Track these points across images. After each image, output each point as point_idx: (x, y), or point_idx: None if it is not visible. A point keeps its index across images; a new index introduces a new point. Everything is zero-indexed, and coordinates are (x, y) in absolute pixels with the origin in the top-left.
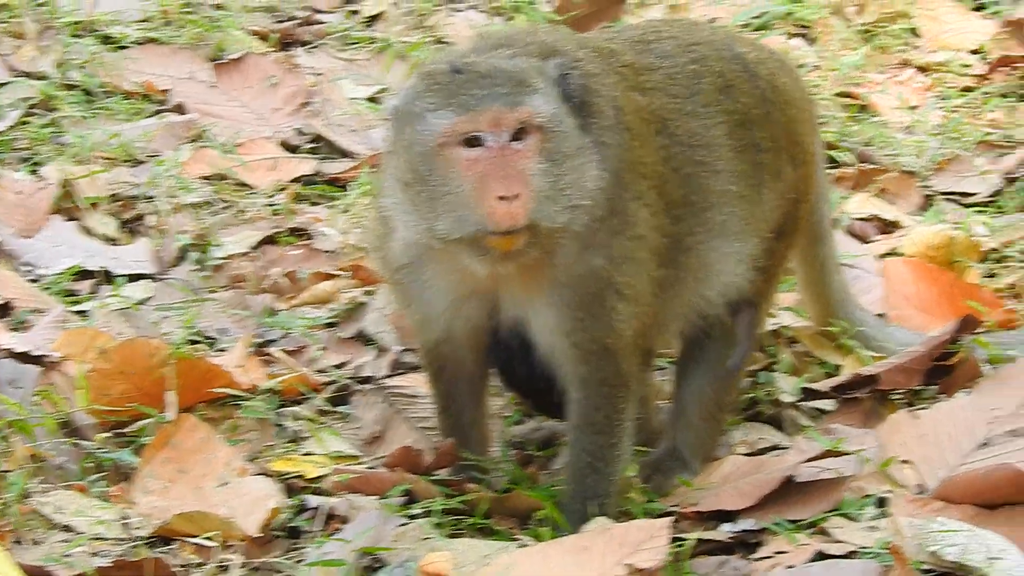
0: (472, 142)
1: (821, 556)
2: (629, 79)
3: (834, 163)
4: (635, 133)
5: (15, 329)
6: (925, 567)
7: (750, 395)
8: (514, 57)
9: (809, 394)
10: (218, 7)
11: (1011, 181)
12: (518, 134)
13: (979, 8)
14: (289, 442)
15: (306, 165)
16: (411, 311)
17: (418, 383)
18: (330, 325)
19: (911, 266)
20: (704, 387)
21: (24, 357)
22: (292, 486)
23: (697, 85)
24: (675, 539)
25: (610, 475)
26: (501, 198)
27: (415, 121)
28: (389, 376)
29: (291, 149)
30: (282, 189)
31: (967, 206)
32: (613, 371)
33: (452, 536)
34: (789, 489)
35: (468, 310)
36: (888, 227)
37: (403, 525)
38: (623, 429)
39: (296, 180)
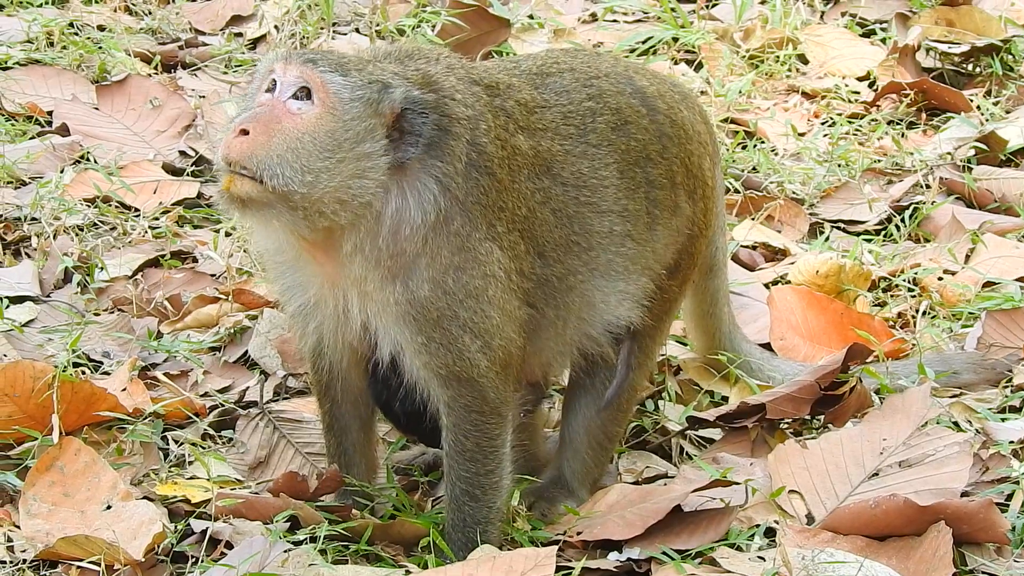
0: (271, 89)
1: None
2: (519, 118)
3: None
4: (498, 178)
5: None
6: None
7: (636, 423)
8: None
9: (695, 423)
10: (101, 29)
11: (899, 209)
12: (301, 97)
13: (867, 34)
14: (173, 466)
15: (189, 188)
16: (284, 305)
17: (303, 408)
18: (214, 349)
19: (799, 294)
20: (591, 417)
21: None
22: (176, 510)
23: (591, 123)
24: (561, 567)
25: (489, 502)
26: (233, 132)
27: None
28: (273, 400)
29: (174, 172)
30: (165, 212)
31: (855, 234)
32: (477, 398)
33: (337, 562)
34: (676, 518)
35: (332, 317)
36: (776, 255)
37: (288, 551)
38: (498, 457)
39: (179, 203)
